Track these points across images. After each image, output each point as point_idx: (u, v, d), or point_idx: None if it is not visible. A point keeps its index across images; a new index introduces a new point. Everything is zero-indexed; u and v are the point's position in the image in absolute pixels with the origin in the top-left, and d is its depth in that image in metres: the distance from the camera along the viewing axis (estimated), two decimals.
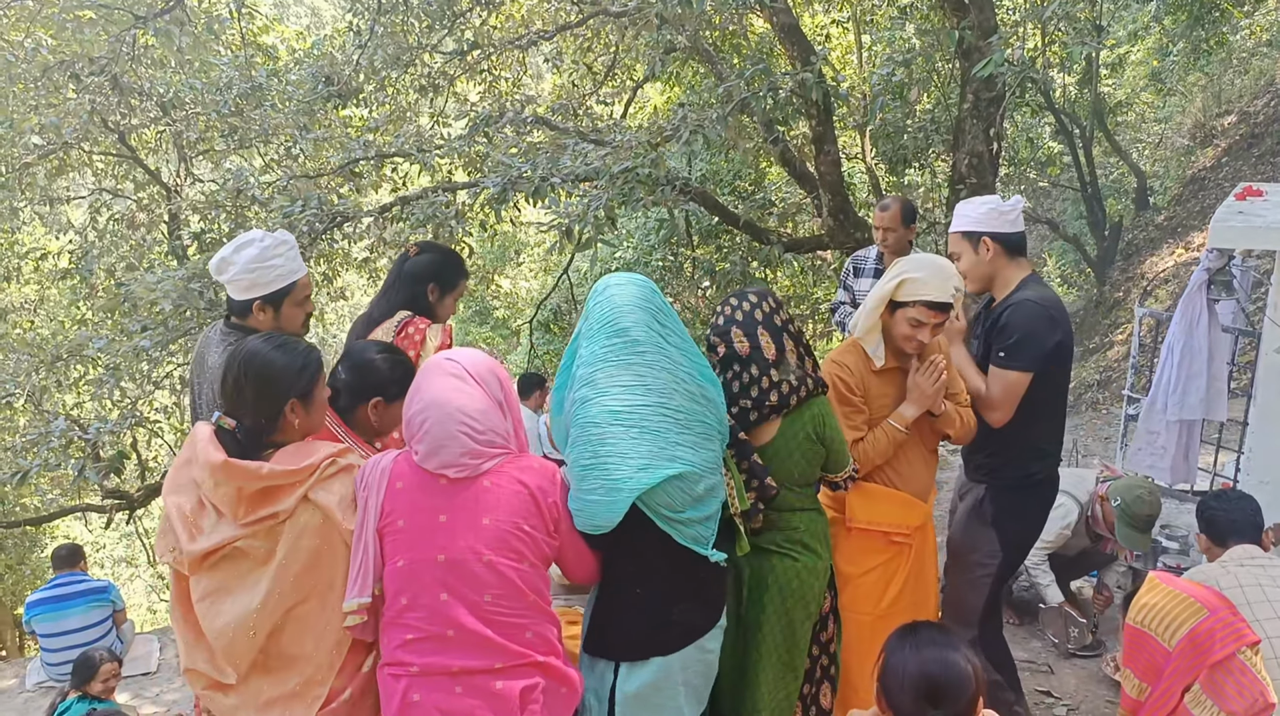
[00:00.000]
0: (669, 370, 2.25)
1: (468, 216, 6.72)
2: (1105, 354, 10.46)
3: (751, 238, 9.17)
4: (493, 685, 2.04)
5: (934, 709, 1.88)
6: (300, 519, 2.04)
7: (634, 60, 9.88)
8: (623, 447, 2.15)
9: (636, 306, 2.30)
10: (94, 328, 8.24)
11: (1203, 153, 13.07)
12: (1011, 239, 3.04)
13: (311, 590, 2.06)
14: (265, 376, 2.11)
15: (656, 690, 2.32)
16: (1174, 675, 1.97)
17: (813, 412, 2.61)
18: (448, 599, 2.03)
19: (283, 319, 2.89)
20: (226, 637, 2.03)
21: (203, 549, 2.02)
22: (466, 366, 2.17)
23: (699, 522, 2.27)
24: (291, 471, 2.03)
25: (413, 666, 2.05)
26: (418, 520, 2.07)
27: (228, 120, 7.91)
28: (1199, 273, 4.58)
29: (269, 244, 2.82)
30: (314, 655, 2.08)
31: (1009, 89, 6.35)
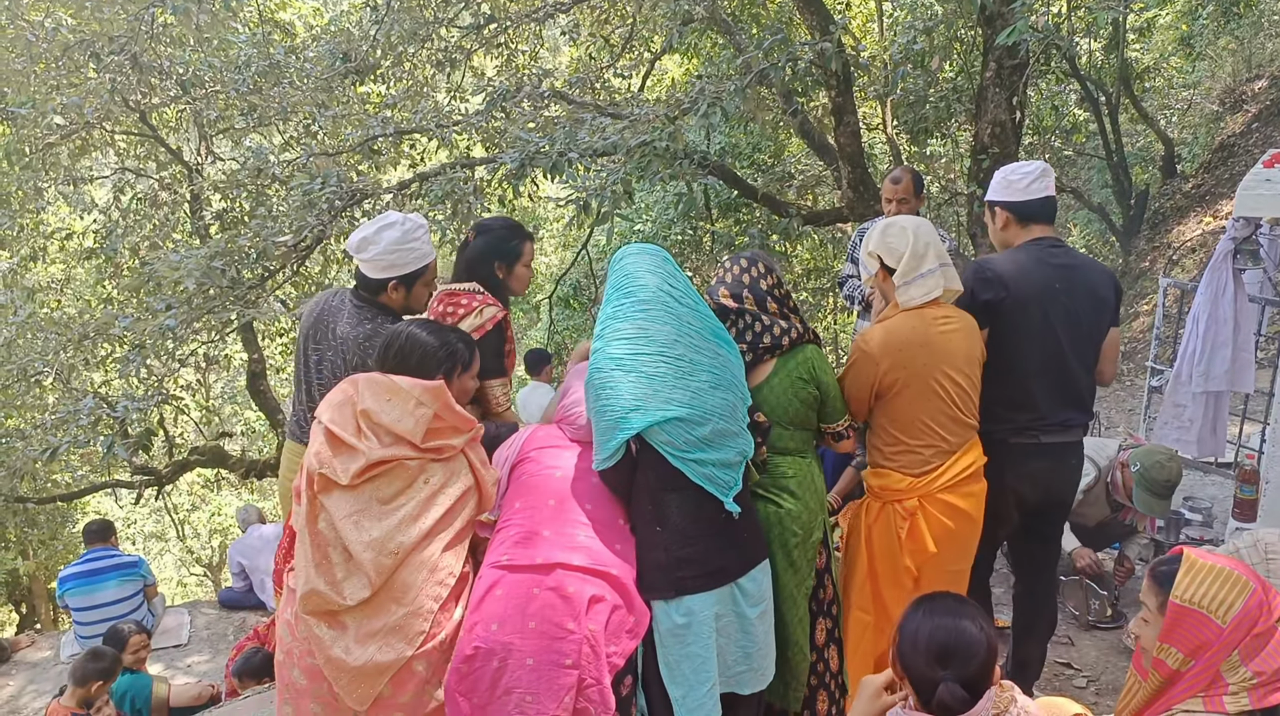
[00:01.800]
0: (673, 324, 2.46)
1: (486, 192, 6.72)
2: (1130, 325, 10.34)
3: (771, 211, 9.12)
4: (567, 587, 2.25)
5: (944, 669, 1.90)
6: (457, 462, 2.39)
7: (651, 32, 9.80)
8: (621, 390, 2.39)
9: (646, 270, 2.55)
10: (119, 306, 8.33)
11: (1232, 118, 12.82)
12: (1020, 207, 3.08)
13: (441, 525, 2.31)
14: (422, 351, 2.48)
15: (686, 628, 2.40)
16: (1222, 648, 2.00)
17: (805, 356, 2.79)
18: (555, 504, 2.44)
19: (413, 298, 3.05)
20: (373, 551, 2.22)
21: (381, 456, 2.27)
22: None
23: (713, 465, 2.41)
24: (470, 420, 2.43)
25: (504, 558, 2.33)
26: (548, 451, 2.60)
27: (247, 98, 7.94)
28: (1225, 241, 4.51)
29: (410, 227, 2.96)
30: (423, 587, 2.27)
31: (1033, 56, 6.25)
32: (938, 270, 2.88)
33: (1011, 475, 3.10)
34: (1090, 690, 3.81)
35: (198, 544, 16.70)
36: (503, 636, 2.23)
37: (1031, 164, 3.12)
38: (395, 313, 3.05)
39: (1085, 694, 3.77)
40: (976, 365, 2.95)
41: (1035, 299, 2.99)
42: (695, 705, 2.41)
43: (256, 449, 14.19)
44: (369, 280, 3.00)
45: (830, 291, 11.83)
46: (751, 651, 2.52)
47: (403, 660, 2.23)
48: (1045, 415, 3.06)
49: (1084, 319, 3.06)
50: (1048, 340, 3.02)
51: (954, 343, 2.88)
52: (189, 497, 16.63)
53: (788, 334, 2.75)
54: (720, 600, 2.44)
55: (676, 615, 2.41)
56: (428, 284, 3.09)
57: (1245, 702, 1.96)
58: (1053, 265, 3.04)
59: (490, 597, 2.28)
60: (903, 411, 2.90)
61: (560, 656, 2.21)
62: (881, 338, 2.89)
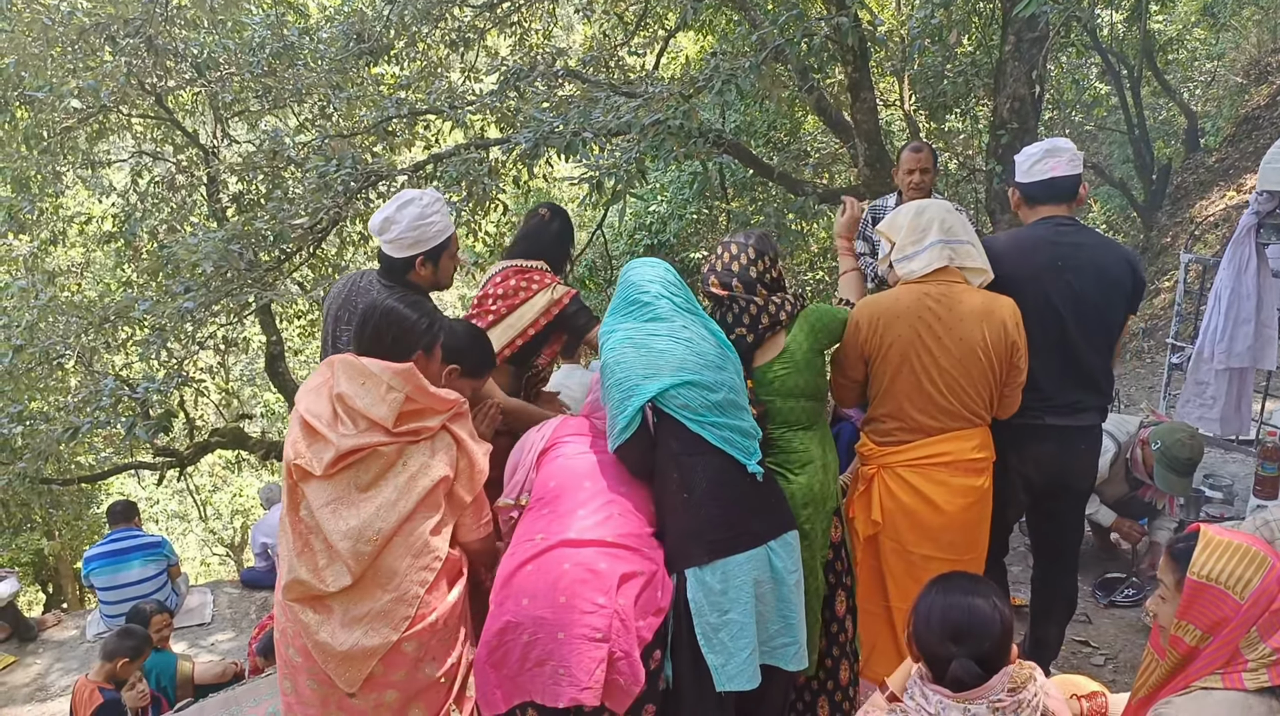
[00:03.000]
0: (682, 319, 2.62)
1: (501, 173, 6.71)
2: (1151, 302, 10.24)
3: (786, 189, 9.06)
4: (598, 563, 2.29)
5: (956, 647, 1.91)
6: (436, 441, 2.35)
7: (665, 9, 9.72)
8: (634, 363, 2.52)
9: (648, 279, 2.69)
10: (139, 290, 8.38)
11: (1257, 90, 12.61)
12: (1026, 188, 3.07)
13: (423, 508, 2.30)
14: (401, 326, 2.43)
15: (723, 594, 2.42)
16: (1240, 625, 1.99)
17: (808, 318, 2.84)
18: (589, 486, 2.49)
19: (440, 272, 3.07)
20: (351, 540, 2.22)
21: (351, 445, 2.25)
22: None
23: (730, 429, 2.49)
24: (446, 399, 2.37)
25: (536, 537, 2.37)
26: (580, 437, 2.68)
27: (261, 80, 7.94)
28: (1248, 216, 4.44)
29: (428, 201, 2.98)
30: (408, 572, 2.27)
31: (1052, 28, 6.16)
32: (938, 244, 2.84)
33: (1014, 457, 3.06)
34: (1108, 668, 3.80)
35: (219, 524, 16.90)
36: (534, 611, 2.27)
37: (1041, 143, 3.07)
38: (423, 291, 3.06)
39: (1103, 671, 3.76)
40: (984, 353, 2.81)
41: (1034, 277, 2.94)
42: (735, 671, 2.41)
43: (276, 430, 14.30)
44: (394, 261, 3.01)
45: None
46: (793, 621, 2.53)
47: (389, 644, 2.25)
48: (1050, 396, 3.00)
49: (1090, 297, 2.97)
50: (1048, 319, 2.96)
51: (947, 322, 2.80)
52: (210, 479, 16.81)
53: (783, 308, 2.79)
54: (756, 564, 2.45)
55: (713, 580, 2.42)
56: (452, 257, 3.10)
57: (1265, 679, 1.95)
58: (1058, 243, 2.98)
59: (522, 573, 2.32)
60: (877, 379, 2.92)
61: (591, 630, 2.24)
62: (866, 305, 2.92)
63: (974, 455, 2.87)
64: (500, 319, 3.17)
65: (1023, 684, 1.93)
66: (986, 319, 2.82)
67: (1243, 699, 1.96)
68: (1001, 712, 1.87)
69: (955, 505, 2.85)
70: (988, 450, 2.91)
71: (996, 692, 1.89)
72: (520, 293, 3.15)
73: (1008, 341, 2.84)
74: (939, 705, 1.92)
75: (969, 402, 2.85)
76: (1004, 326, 2.83)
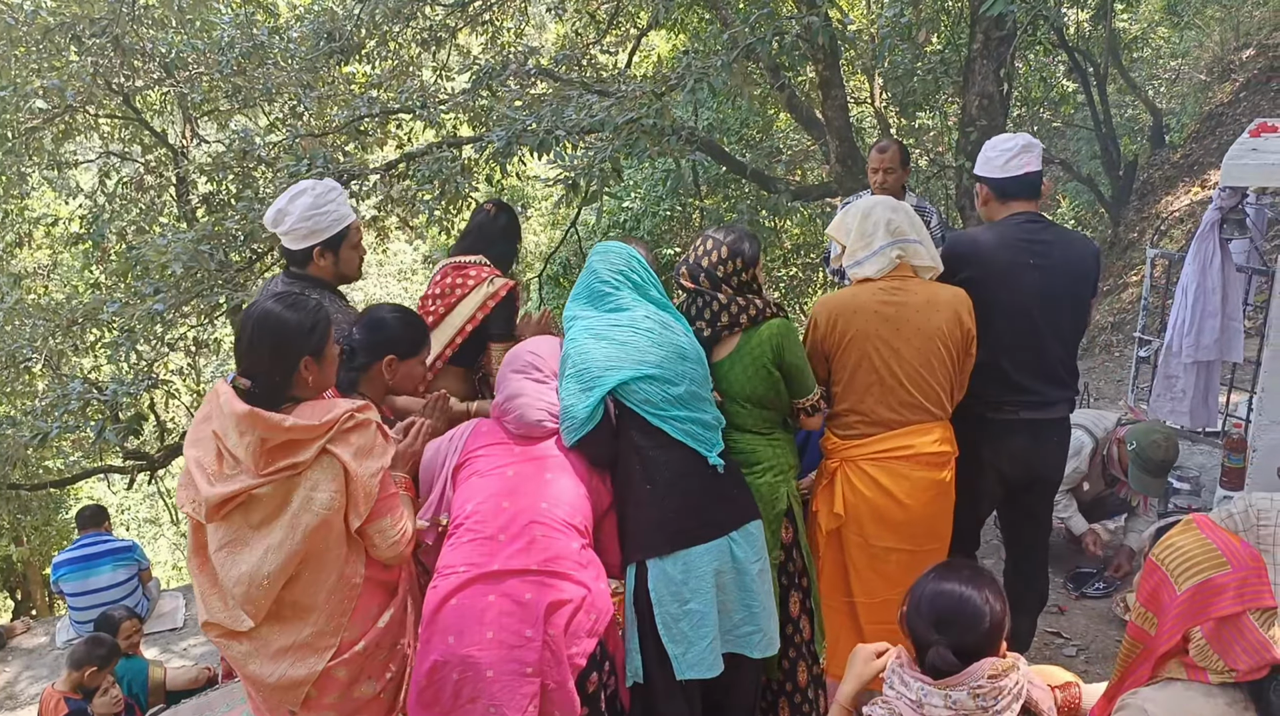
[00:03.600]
0: (643, 308, 2.61)
1: (473, 171, 6.68)
2: (1119, 296, 10.37)
3: (759, 186, 9.10)
4: (523, 594, 2.22)
5: (939, 635, 1.93)
6: (316, 471, 2.14)
7: (637, 7, 9.73)
8: (594, 354, 2.52)
9: (612, 266, 2.67)
10: (107, 291, 8.27)
11: (1220, 88, 12.81)
12: (997, 183, 3.08)
13: (324, 541, 2.15)
14: (279, 335, 2.18)
15: (683, 584, 2.46)
16: (1178, 619, 1.98)
17: (768, 332, 2.77)
18: (508, 506, 2.35)
19: (342, 263, 3.00)
20: (243, 586, 2.11)
21: (221, 495, 2.10)
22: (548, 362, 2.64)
23: (691, 422, 2.51)
24: (313, 426, 2.13)
25: (459, 568, 2.27)
26: (495, 448, 2.51)
27: (231, 80, 7.85)
28: (1211, 212, 4.52)
29: (321, 191, 2.93)
30: (325, 605, 2.17)
31: (1020, 27, 6.23)
32: (889, 247, 2.87)
33: (989, 451, 3.09)
34: (1080, 658, 3.86)
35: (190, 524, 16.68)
36: (461, 649, 2.20)
37: (1013, 138, 3.10)
38: (328, 283, 3.00)
39: (1075, 662, 3.81)
40: (942, 343, 2.85)
41: (1004, 274, 2.97)
42: (695, 660, 2.44)
43: None
44: (293, 253, 2.96)
45: (820, 266, 11.82)
46: (756, 609, 2.54)
47: (315, 674, 2.18)
48: (1023, 390, 3.05)
49: (1060, 294, 3.02)
50: (1021, 315, 3.00)
51: (903, 315, 2.84)
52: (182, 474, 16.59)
53: (745, 312, 2.74)
54: (718, 554, 2.48)
55: (674, 570, 2.45)
56: (354, 247, 3.02)
57: (1229, 679, 1.97)
58: (1027, 240, 3.01)
59: (446, 608, 2.24)
60: (837, 375, 2.94)
61: (521, 665, 2.19)
62: (823, 303, 2.96)
63: (934, 448, 2.89)
64: (440, 319, 3.14)
65: (1004, 671, 1.95)
66: (942, 309, 2.87)
67: (1205, 690, 1.99)
68: (982, 697, 1.89)
69: (917, 498, 2.88)
70: (949, 444, 2.95)
71: (977, 679, 1.91)
72: (457, 289, 3.12)
73: (964, 329, 2.90)
74: (920, 691, 1.93)
75: (929, 395, 2.88)
76: (958, 315, 2.89)
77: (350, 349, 2.59)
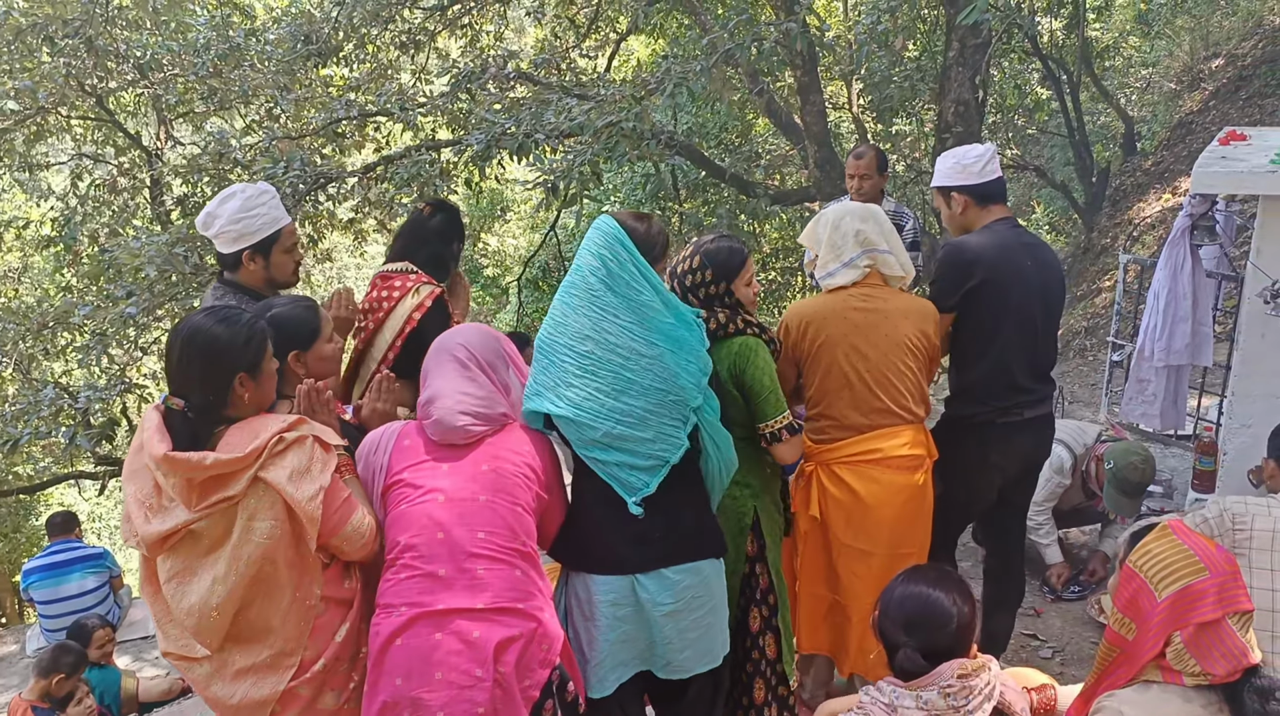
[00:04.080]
0: (590, 317, 2.34)
1: (452, 175, 6.67)
2: (1092, 301, 10.49)
3: (739, 190, 9.14)
4: (471, 633, 2.10)
5: (908, 637, 1.96)
6: (251, 500, 2.03)
7: (617, 12, 9.75)
8: (536, 374, 2.40)
9: (587, 250, 2.42)
10: (79, 295, 8.18)
11: (1190, 96, 13.00)
12: (978, 189, 3.11)
13: (272, 567, 2.07)
14: (210, 352, 2.06)
15: (587, 602, 2.43)
16: (1160, 626, 2.00)
17: (730, 350, 2.65)
18: (444, 537, 2.15)
19: (273, 268, 2.92)
20: (194, 617, 2.05)
21: (158, 532, 2.01)
22: (475, 352, 2.35)
23: (615, 466, 2.34)
24: (237, 458, 2.00)
25: (400, 607, 2.13)
26: (422, 468, 2.24)
27: (207, 82, 7.80)
28: (1182, 218, 4.59)
29: (252, 193, 2.86)
30: (282, 628, 2.11)
31: (995, 35, 6.30)
32: (860, 257, 2.89)
33: (997, 454, 3.15)
34: (1056, 660, 3.89)
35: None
36: (410, 691, 2.10)
37: (979, 146, 3.16)
38: (255, 290, 2.91)
39: (1051, 664, 3.84)
40: (909, 351, 2.88)
41: (1013, 280, 3.02)
42: (591, 672, 2.46)
43: None
44: (224, 256, 2.92)
45: (798, 271, 11.88)
46: (660, 644, 2.47)
47: (278, 693, 2.13)
48: (1026, 391, 3.12)
49: (1051, 296, 3.13)
50: (1024, 319, 3.06)
51: (872, 322, 2.87)
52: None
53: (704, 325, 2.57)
54: (615, 589, 2.40)
55: (579, 588, 2.45)
56: (288, 251, 2.94)
57: (1204, 681, 1.99)
58: (1022, 244, 3.09)
59: (393, 649, 2.13)
60: (809, 380, 2.96)
61: (473, 705, 2.09)
62: (793, 310, 2.97)
63: (905, 452, 2.91)
64: (371, 337, 3.07)
65: (974, 671, 1.96)
66: (911, 318, 2.91)
67: (1181, 692, 2.01)
68: (953, 696, 1.91)
69: (888, 501, 2.90)
70: (921, 447, 2.97)
71: (946, 679, 1.92)
72: (384, 303, 3.03)
73: (929, 341, 2.94)
74: (892, 694, 1.96)
75: (899, 399, 2.91)
76: (925, 326, 2.93)
77: None
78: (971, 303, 3.03)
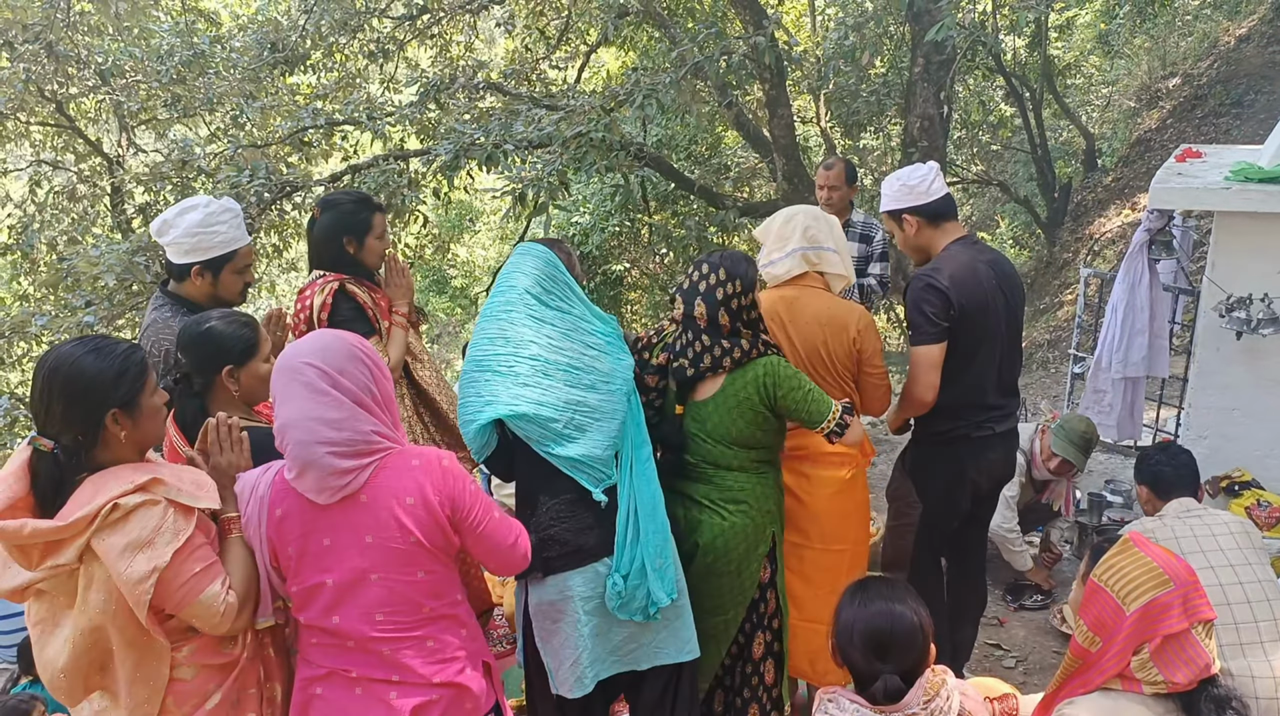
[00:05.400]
0: (531, 327, 2.46)
1: (421, 184, 6.65)
2: (1055, 314, 10.66)
3: (708, 202, 9.18)
4: (388, 695, 2.00)
5: (883, 662, 1.93)
6: (91, 567, 1.83)
7: (587, 24, 9.78)
8: (478, 388, 2.42)
9: (521, 271, 2.53)
10: (36, 304, 8.04)
11: (1148, 114, 13.28)
12: (929, 208, 3.10)
13: (110, 641, 1.89)
14: (76, 387, 1.84)
15: (554, 606, 2.45)
16: (1128, 640, 2.03)
17: (755, 373, 2.65)
18: (339, 622, 1.97)
19: (220, 286, 2.86)
20: (46, 674, 1.91)
21: (7, 587, 1.84)
22: (321, 364, 1.95)
23: (579, 458, 2.41)
24: (60, 527, 1.78)
25: (320, 667, 2.04)
26: (302, 546, 1.97)
27: (170, 89, 7.71)
28: (1140, 233, 4.68)
29: (214, 210, 2.80)
30: (128, 698, 1.94)
31: (959, 52, 6.40)
32: (799, 251, 2.95)
33: (973, 468, 3.18)
34: (1019, 670, 3.92)
35: None
36: None
37: (922, 166, 3.17)
38: (198, 305, 2.82)
39: (1014, 674, 3.87)
40: (826, 355, 2.92)
41: (983, 305, 3.04)
42: (564, 677, 2.47)
43: None
44: (172, 266, 2.85)
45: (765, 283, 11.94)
46: (635, 631, 2.52)
47: None
48: (996, 407, 3.17)
49: (1015, 310, 3.17)
50: (995, 337, 3.10)
51: (795, 323, 2.92)
52: None
53: (729, 354, 2.63)
54: (589, 580, 2.44)
55: (548, 593, 2.46)
56: (239, 272, 2.89)
57: (1163, 689, 2.02)
58: (984, 263, 3.10)
59: (311, 696, 2.04)
60: None
61: None
62: None
63: (830, 449, 2.93)
64: None
65: (936, 691, 1.97)
66: (828, 323, 2.91)
67: (1139, 699, 2.04)
68: None
69: (815, 496, 2.96)
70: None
71: (913, 706, 1.92)
72: (301, 315, 2.97)
73: (849, 345, 2.93)
74: (856, 714, 1.94)
75: None
76: (845, 330, 2.92)
77: (183, 375, 2.32)
78: (950, 334, 3.01)
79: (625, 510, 2.47)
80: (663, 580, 2.44)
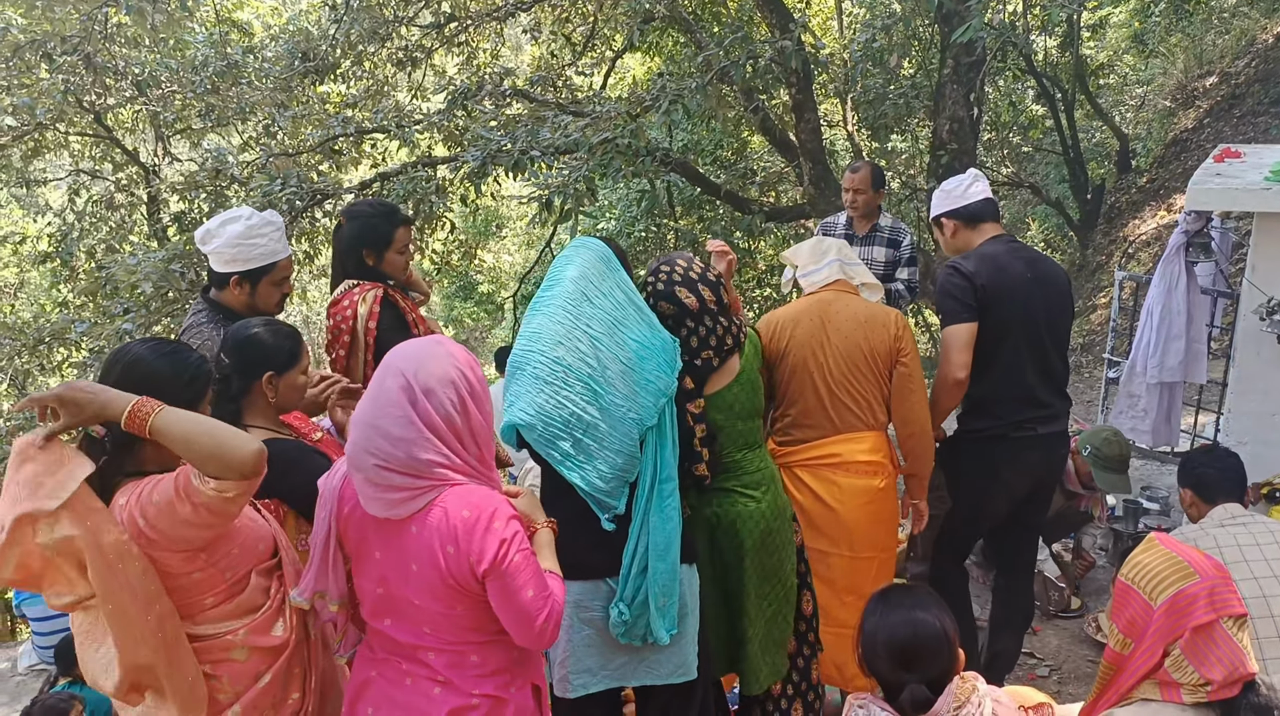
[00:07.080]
0: (565, 325, 2.33)
1: (448, 191, 6.69)
2: (1089, 318, 10.51)
3: (733, 207, 9.17)
4: (433, 690, 2.02)
5: (908, 672, 1.91)
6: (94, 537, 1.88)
7: (613, 30, 9.80)
8: (510, 388, 2.35)
9: (571, 263, 2.44)
10: (76, 311, 8.18)
11: (1184, 114, 13.07)
12: (965, 211, 3.18)
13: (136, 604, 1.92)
14: (147, 386, 1.91)
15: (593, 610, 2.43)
16: (1156, 635, 2.00)
17: (754, 343, 2.83)
18: (390, 625, 2.00)
19: (259, 297, 2.90)
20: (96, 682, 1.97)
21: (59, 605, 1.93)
22: (409, 376, 1.87)
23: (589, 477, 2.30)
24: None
25: (379, 652, 2.08)
26: (361, 549, 2.00)
27: (204, 99, 7.83)
28: (1177, 235, 4.60)
29: (255, 222, 2.85)
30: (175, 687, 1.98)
31: (989, 53, 6.34)
32: (836, 263, 3.10)
33: (1008, 470, 3.15)
34: (1053, 679, 3.87)
35: None
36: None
37: (958, 177, 3.26)
38: (235, 312, 2.88)
39: (1048, 683, 3.82)
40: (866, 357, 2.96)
41: (1010, 289, 3.04)
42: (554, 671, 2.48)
43: None
44: (214, 273, 2.91)
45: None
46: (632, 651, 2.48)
47: None
48: (1040, 406, 3.13)
49: (1055, 309, 3.14)
50: (1032, 333, 3.09)
51: (835, 324, 2.98)
52: None
53: (740, 331, 2.74)
54: (590, 592, 2.41)
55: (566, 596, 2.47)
56: (277, 284, 2.92)
57: (1203, 696, 1.99)
58: (1021, 259, 3.11)
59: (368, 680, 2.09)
60: (778, 384, 3.05)
61: None
62: (766, 317, 3.10)
63: (864, 457, 2.99)
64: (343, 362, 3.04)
65: (966, 697, 1.94)
66: (867, 322, 2.98)
67: (1179, 709, 2.00)
68: None
69: (846, 504, 2.98)
70: (880, 453, 3.03)
71: (943, 714, 1.90)
72: (342, 327, 3.00)
73: (890, 342, 2.98)
74: None
75: (859, 403, 2.99)
76: (886, 328, 2.99)
77: (224, 376, 2.34)
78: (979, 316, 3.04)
79: (633, 545, 2.37)
80: (664, 617, 2.39)
